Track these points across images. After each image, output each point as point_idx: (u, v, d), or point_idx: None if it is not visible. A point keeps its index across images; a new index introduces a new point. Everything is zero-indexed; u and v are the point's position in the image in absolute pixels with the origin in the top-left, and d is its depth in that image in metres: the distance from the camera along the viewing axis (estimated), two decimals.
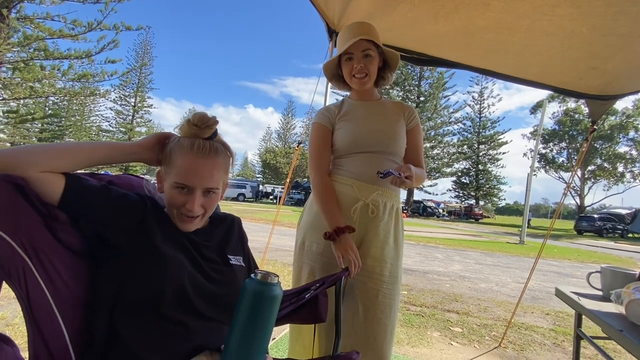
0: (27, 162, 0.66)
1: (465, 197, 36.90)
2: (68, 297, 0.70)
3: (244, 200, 30.10)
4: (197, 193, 0.80)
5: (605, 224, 21.26)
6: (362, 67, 1.29)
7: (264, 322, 0.67)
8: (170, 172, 0.82)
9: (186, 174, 0.80)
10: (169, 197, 0.83)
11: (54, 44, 11.71)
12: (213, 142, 0.84)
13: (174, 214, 0.83)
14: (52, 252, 0.69)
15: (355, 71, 1.30)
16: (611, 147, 27.77)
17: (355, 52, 1.29)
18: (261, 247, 5.08)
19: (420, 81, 32.59)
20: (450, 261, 6.88)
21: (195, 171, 0.80)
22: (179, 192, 0.80)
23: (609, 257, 9.91)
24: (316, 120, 1.38)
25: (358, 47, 1.28)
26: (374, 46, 1.29)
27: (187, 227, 0.84)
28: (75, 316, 0.71)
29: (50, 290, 0.67)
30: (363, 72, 1.29)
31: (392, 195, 1.31)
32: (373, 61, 1.30)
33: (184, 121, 0.85)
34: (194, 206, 0.80)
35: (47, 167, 0.68)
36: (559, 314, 3.62)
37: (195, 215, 0.82)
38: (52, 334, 0.67)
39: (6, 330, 2.12)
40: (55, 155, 0.71)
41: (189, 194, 0.80)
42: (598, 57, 1.74)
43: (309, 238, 1.31)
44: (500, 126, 38.97)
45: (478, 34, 1.75)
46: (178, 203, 0.81)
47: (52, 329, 0.67)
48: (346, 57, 1.32)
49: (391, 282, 1.26)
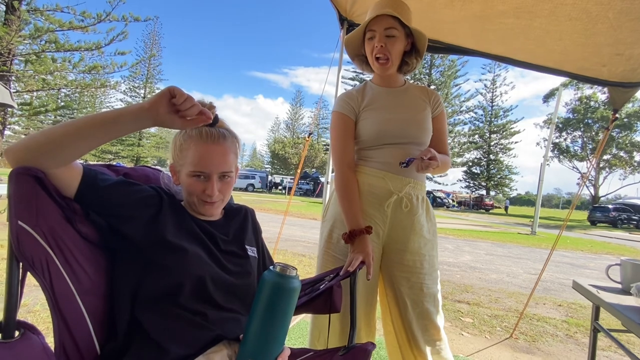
0: (42, 158, 0.64)
1: (476, 188, 36.49)
2: (90, 288, 0.72)
3: (253, 190, 30.31)
4: (214, 178, 0.83)
5: (620, 214, 20.81)
6: (383, 48, 1.18)
7: (282, 314, 0.67)
8: (184, 163, 0.84)
9: (201, 161, 0.82)
10: (187, 187, 0.85)
11: (65, 36, 11.79)
12: (218, 127, 0.86)
13: (195, 202, 0.85)
14: (73, 243, 0.70)
15: (376, 51, 1.19)
16: (628, 135, 26.97)
17: (377, 30, 1.18)
18: (272, 237, 5.12)
19: (431, 69, 32.02)
20: (461, 252, 6.84)
21: (209, 158, 0.83)
22: (196, 180, 0.83)
23: (624, 249, 9.72)
24: (338, 109, 1.28)
25: (381, 24, 1.17)
26: (400, 26, 1.17)
27: (210, 211, 0.87)
28: (97, 306, 0.73)
29: (73, 280, 0.68)
30: (383, 53, 1.19)
31: (422, 187, 1.29)
32: (396, 42, 1.18)
33: None
34: (214, 191, 0.83)
35: (62, 161, 0.67)
36: (572, 305, 3.58)
37: (215, 201, 0.85)
38: (76, 323, 0.68)
39: (27, 317, 2.19)
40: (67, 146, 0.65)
41: (206, 181, 0.83)
42: (624, 42, 1.66)
43: (336, 231, 1.27)
44: (513, 115, 38.26)
45: (497, 19, 1.68)
46: (198, 191, 0.84)
47: (76, 318, 0.68)
48: (369, 35, 1.21)
49: (430, 272, 1.25)
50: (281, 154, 42.82)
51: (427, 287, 1.23)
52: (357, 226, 1.16)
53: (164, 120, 0.67)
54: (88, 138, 0.66)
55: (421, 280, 1.23)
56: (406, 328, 1.23)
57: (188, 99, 0.66)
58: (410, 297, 1.23)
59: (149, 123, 0.67)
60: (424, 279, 1.23)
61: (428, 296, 1.23)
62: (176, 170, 0.88)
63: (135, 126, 0.68)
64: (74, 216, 0.72)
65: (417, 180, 1.26)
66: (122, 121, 0.67)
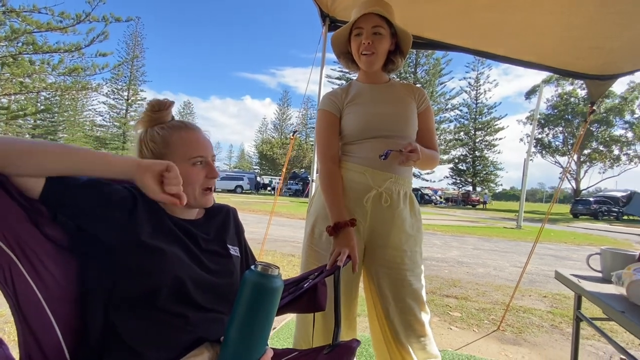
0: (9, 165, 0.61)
1: (463, 184, 37.07)
2: (58, 293, 0.68)
3: (241, 192, 30.04)
4: (211, 162, 0.85)
5: (600, 206, 21.44)
6: (370, 44, 1.21)
7: (264, 315, 0.65)
8: (175, 156, 0.81)
9: (198, 146, 0.83)
10: (187, 178, 0.79)
11: (43, 38, 11.46)
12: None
13: (195, 194, 0.83)
14: (39, 247, 0.66)
15: (363, 47, 1.22)
16: (607, 130, 27.85)
17: (365, 27, 1.21)
18: (260, 238, 5.09)
19: (416, 68, 32.38)
20: (449, 247, 6.92)
21: (202, 143, 0.85)
22: (196, 167, 0.83)
23: (605, 240, 10.02)
24: (322, 107, 1.31)
25: (369, 22, 1.20)
26: (387, 25, 1.22)
27: (210, 200, 0.87)
28: (66, 312, 0.69)
29: (39, 286, 0.64)
30: (370, 49, 1.22)
31: (405, 182, 1.27)
32: (383, 40, 1.22)
33: (142, 115, 0.87)
34: (217, 171, 0.86)
35: (27, 172, 0.63)
36: (556, 296, 3.66)
37: (213, 186, 0.87)
38: (43, 332, 0.64)
39: (5, 327, 2.11)
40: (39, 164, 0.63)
41: (206, 165, 0.84)
42: (602, 35, 1.70)
43: (319, 227, 1.27)
44: (497, 112, 39.17)
45: (478, 13, 1.70)
46: (200, 178, 0.83)
47: (43, 326, 0.64)
48: (356, 32, 1.24)
49: (412, 267, 1.24)
50: (269, 154, 42.64)
51: (409, 283, 1.23)
52: (342, 218, 1.16)
53: (147, 183, 0.69)
54: (71, 168, 0.66)
55: (402, 276, 1.23)
56: (390, 324, 1.23)
57: (178, 179, 0.70)
58: (392, 292, 1.23)
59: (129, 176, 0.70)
60: (405, 275, 1.23)
61: (410, 292, 1.23)
62: None
63: (116, 175, 0.70)
64: (40, 219, 0.67)
65: (399, 175, 1.25)
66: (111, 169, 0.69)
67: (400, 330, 1.21)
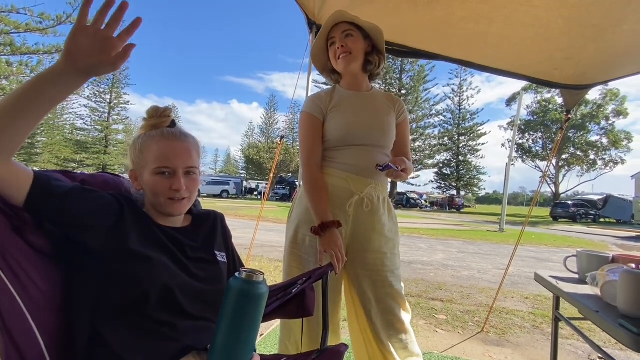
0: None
1: (447, 188, 37.69)
2: (42, 302, 0.67)
3: (227, 197, 29.68)
4: (179, 173, 0.82)
5: (579, 210, 22.17)
6: (344, 46, 1.29)
7: (250, 322, 0.65)
8: (146, 164, 0.82)
9: (165, 157, 0.81)
10: (152, 187, 0.81)
11: (22, 39, 11.13)
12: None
13: (162, 203, 0.82)
14: (22, 256, 0.65)
15: (339, 52, 1.30)
16: (583, 135, 28.92)
17: (336, 35, 1.31)
18: (247, 243, 5.03)
19: (402, 74, 32.84)
20: (434, 251, 7.02)
21: (173, 153, 0.82)
22: (161, 177, 0.81)
23: (583, 242, 10.36)
24: (306, 110, 1.32)
25: (339, 30, 1.30)
26: (357, 28, 1.30)
27: (179, 209, 0.84)
28: (51, 322, 0.68)
29: (22, 295, 0.63)
30: (345, 50, 1.29)
31: (383, 188, 1.33)
32: (356, 40, 1.29)
33: (142, 122, 0.88)
34: (181, 184, 0.81)
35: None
36: (537, 297, 3.77)
37: (183, 197, 0.83)
38: (25, 343, 0.63)
39: None
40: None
41: (172, 177, 0.82)
42: (573, 47, 1.79)
43: (302, 231, 1.29)
44: (479, 118, 40.07)
45: (458, 25, 1.76)
46: (164, 188, 0.81)
47: (26, 337, 0.63)
48: (331, 42, 1.34)
49: (392, 269, 1.29)
50: (256, 159, 42.31)
51: (390, 283, 1.27)
52: (327, 219, 1.19)
53: (89, 63, 0.58)
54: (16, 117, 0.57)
55: (383, 277, 1.27)
56: (371, 325, 1.25)
57: (113, 18, 0.59)
58: (374, 294, 1.26)
59: (74, 75, 0.59)
60: (386, 276, 1.27)
61: (391, 293, 1.27)
62: (137, 175, 0.85)
63: (61, 86, 0.60)
64: (23, 226, 0.66)
65: (377, 181, 1.30)
66: (43, 83, 0.58)
67: (382, 330, 1.24)
